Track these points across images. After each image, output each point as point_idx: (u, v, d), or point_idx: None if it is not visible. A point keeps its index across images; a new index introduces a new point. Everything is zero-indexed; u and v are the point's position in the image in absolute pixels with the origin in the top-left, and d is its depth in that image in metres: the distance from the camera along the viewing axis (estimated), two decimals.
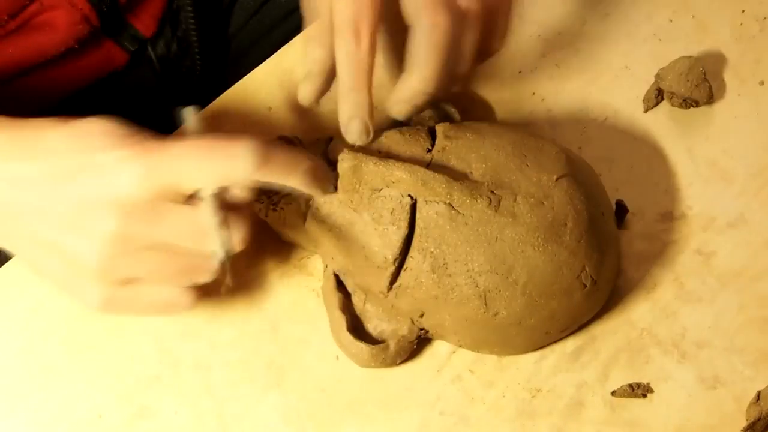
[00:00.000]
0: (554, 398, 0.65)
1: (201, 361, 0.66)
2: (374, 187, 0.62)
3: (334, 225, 0.63)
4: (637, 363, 0.66)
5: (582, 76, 0.75)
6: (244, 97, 0.74)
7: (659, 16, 0.77)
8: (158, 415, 0.65)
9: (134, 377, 0.66)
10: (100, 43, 0.80)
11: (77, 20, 0.75)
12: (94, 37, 0.78)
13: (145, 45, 0.83)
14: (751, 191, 0.71)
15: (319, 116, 0.73)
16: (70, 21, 0.75)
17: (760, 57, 0.75)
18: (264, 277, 0.68)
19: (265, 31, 0.89)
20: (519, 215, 0.61)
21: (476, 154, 0.63)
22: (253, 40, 0.89)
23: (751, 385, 0.65)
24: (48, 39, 0.75)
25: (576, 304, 0.63)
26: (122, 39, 0.81)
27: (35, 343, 0.67)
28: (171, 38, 0.85)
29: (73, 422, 0.65)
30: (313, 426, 0.65)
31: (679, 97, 0.72)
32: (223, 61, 0.89)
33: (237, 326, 0.67)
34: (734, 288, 0.68)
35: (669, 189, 0.71)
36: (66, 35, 0.75)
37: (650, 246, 0.69)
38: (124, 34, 0.81)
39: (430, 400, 0.65)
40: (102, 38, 0.79)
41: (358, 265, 0.63)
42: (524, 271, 0.60)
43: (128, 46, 0.81)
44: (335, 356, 0.66)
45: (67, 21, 0.75)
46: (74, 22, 0.75)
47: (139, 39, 0.82)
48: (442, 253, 0.61)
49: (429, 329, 0.64)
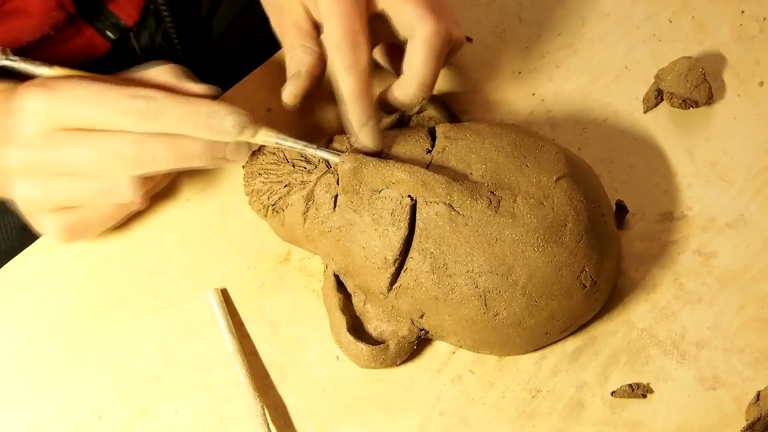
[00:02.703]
0: (554, 399, 0.65)
1: (201, 361, 0.66)
2: (374, 188, 0.62)
3: (334, 226, 0.63)
4: (637, 363, 0.66)
5: (582, 76, 0.75)
6: (244, 97, 0.74)
7: (659, 17, 0.77)
8: (158, 416, 0.65)
9: (134, 377, 0.66)
10: (80, 31, 0.79)
11: (52, 6, 0.75)
12: (72, 24, 0.78)
13: (127, 34, 0.83)
14: (750, 191, 0.71)
15: (318, 117, 0.73)
16: (45, 7, 0.75)
17: (760, 57, 0.75)
18: (264, 277, 0.69)
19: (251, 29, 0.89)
20: (519, 216, 0.61)
21: (476, 155, 0.63)
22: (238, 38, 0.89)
23: (751, 385, 0.65)
24: (21, 25, 0.75)
25: (576, 305, 0.63)
26: (103, 27, 0.81)
27: (35, 343, 0.67)
28: (155, 30, 0.85)
29: (73, 422, 0.65)
30: (313, 426, 0.65)
31: (679, 97, 0.72)
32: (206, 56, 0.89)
33: (237, 326, 0.67)
34: (734, 288, 0.68)
35: (669, 189, 0.71)
36: (40, 21, 0.75)
37: (650, 246, 0.69)
38: (105, 21, 0.81)
39: (430, 401, 0.65)
40: (82, 25, 0.79)
41: (358, 265, 0.63)
42: (524, 272, 0.61)
43: (110, 34, 0.81)
44: (335, 356, 0.66)
45: (42, 7, 0.75)
46: (49, 9, 0.75)
47: (120, 28, 0.82)
48: (442, 253, 0.61)
49: (429, 330, 0.64)
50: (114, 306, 0.68)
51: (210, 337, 0.67)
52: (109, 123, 0.58)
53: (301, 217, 0.64)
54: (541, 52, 0.75)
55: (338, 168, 0.62)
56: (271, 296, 0.68)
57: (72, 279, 0.68)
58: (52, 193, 0.60)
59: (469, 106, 0.73)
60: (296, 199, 0.64)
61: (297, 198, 0.64)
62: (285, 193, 0.64)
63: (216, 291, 0.67)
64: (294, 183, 0.64)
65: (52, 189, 0.60)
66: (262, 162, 0.66)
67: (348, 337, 0.64)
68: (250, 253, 0.69)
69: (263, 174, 0.65)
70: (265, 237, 0.69)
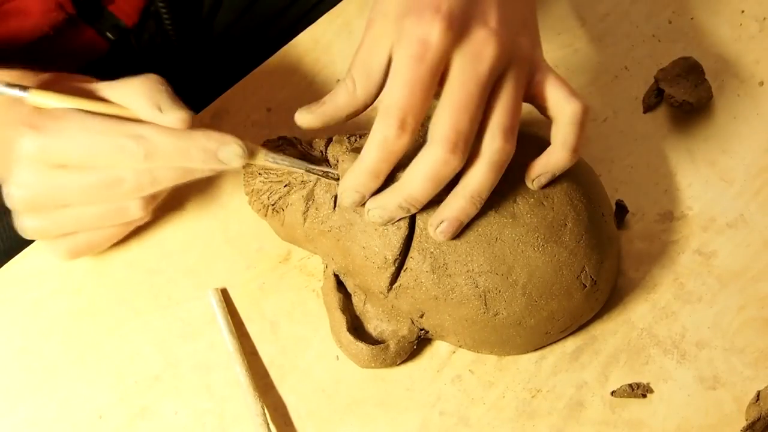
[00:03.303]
0: (554, 398, 0.65)
1: (201, 361, 0.66)
2: None
3: (334, 225, 0.63)
4: (637, 363, 0.66)
5: (582, 76, 0.75)
6: (244, 97, 0.74)
7: (659, 17, 0.77)
8: (158, 416, 0.65)
9: (134, 377, 0.66)
10: (79, 31, 0.79)
11: (51, 7, 0.75)
12: (72, 25, 0.78)
13: (127, 35, 0.83)
14: (750, 191, 0.71)
15: None
16: (44, 8, 0.75)
17: (760, 57, 0.75)
18: (264, 277, 0.69)
19: (251, 30, 0.89)
20: (519, 216, 0.61)
21: None
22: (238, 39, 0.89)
23: (751, 385, 0.65)
24: (21, 25, 0.75)
25: (576, 305, 0.63)
26: (103, 28, 0.81)
27: (35, 343, 0.67)
28: (155, 31, 0.85)
29: (73, 422, 0.65)
30: (313, 426, 0.65)
31: (679, 97, 0.72)
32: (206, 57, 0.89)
33: (237, 326, 0.67)
34: (734, 288, 0.68)
35: (669, 189, 0.71)
36: (40, 21, 0.75)
37: (650, 246, 0.69)
38: (105, 22, 0.81)
39: (430, 400, 0.65)
40: (82, 26, 0.79)
41: (358, 265, 0.63)
42: (524, 272, 0.61)
43: (109, 35, 0.81)
44: (335, 356, 0.66)
45: (41, 8, 0.75)
46: (48, 9, 0.75)
47: (120, 28, 0.82)
48: (442, 253, 0.61)
49: (429, 329, 0.64)
50: (114, 306, 0.68)
51: (210, 337, 0.67)
52: (102, 162, 0.58)
53: (301, 217, 0.64)
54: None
55: (338, 167, 0.62)
56: (271, 296, 0.68)
57: (72, 279, 0.68)
58: (58, 224, 0.61)
59: None
60: (296, 198, 0.64)
61: (297, 197, 0.64)
62: (285, 193, 0.64)
63: (216, 291, 0.67)
64: (294, 182, 0.64)
65: (57, 220, 0.61)
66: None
67: (348, 336, 0.64)
68: (250, 253, 0.69)
69: (263, 173, 0.65)
70: (265, 237, 0.69)
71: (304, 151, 0.65)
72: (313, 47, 0.76)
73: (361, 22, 0.76)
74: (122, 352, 0.67)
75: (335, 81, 0.74)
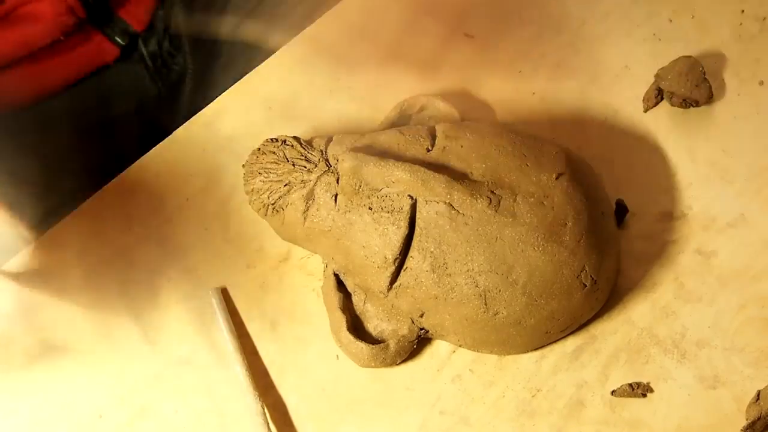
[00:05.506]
0: (554, 398, 0.65)
1: (201, 361, 0.66)
2: (374, 187, 0.62)
3: (334, 225, 0.63)
4: (637, 363, 0.66)
5: (582, 76, 0.75)
6: (244, 97, 0.74)
7: (659, 16, 0.77)
8: (158, 415, 0.65)
9: (134, 377, 0.66)
10: (89, 36, 0.79)
11: (62, 11, 0.75)
12: (82, 30, 0.78)
13: (136, 40, 0.83)
14: (751, 191, 0.71)
15: (318, 117, 0.73)
16: (56, 12, 0.75)
17: (760, 57, 0.75)
18: (264, 277, 0.69)
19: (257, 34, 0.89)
20: (519, 215, 0.61)
21: (476, 154, 0.63)
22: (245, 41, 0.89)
23: (751, 384, 0.65)
24: (33, 30, 0.75)
25: (576, 304, 0.63)
26: (112, 33, 0.81)
27: (35, 343, 0.67)
28: (163, 34, 0.85)
29: (73, 422, 0.65)
30: (313, 426, 0.65)
31: (679, 97, 0.72)
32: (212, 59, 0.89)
33: (237, 325, 0.67)
34: (734, 288, 0.68)
35: (669, 189, 0.71)
36: (51, 26, 0.75)
37: (650, 246, 0.69)
38: (115, 27, 0.81)
39: (431, 400, 0.65)
40: (91, 31, 0.79)
41: (358, 264, 0.63)
42: (524, 271, 0.60)
43: (119, 40, 0.81)
44: (335, 356, 0.66)
45: (53, 12, 0.75)
46: (59, 14, 0.75)
47: (130, 33, 0.82)
48: (442, 252, 0.61)
49: (429, 329, 0.64)
50: (114, 305, 0.68)
51: (210, 336, 0.67)
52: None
53: (301, 216, 0.64)
54: (541, 52, 0.75)
55: (338, 167, 0.62)
56: (271, 295, 0.68)
57: (72, 279, 0.68)
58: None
59: (469, 106, 0.73)
60: (296, 198, 0.64)
61: (297, 197, 0.64)
62: (285, 192, 0.64)
63: (216, 290, 0.67)
64: (294, 182, 0.64)
65: None
66: (262, 161, 0.66)
67: (348, 336, 0.64)
68: (251, 253, 0.69)
69: (263, 173, 0.65)
70: (265, 236, 0.69)
71: (304, 151, 0.65)
72: (313, 47, 0.76)
73: (361, 21, 0.76)
74: (122, 352, 0.67)
75: (336, 81, 0.74)
